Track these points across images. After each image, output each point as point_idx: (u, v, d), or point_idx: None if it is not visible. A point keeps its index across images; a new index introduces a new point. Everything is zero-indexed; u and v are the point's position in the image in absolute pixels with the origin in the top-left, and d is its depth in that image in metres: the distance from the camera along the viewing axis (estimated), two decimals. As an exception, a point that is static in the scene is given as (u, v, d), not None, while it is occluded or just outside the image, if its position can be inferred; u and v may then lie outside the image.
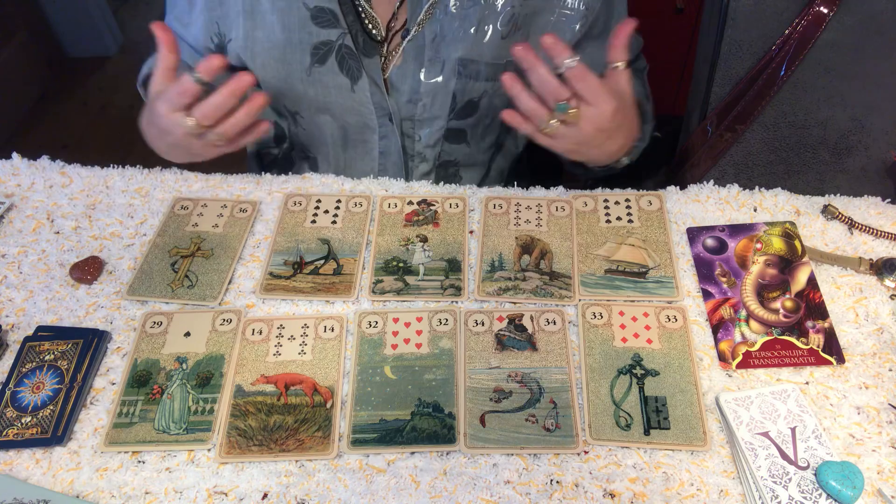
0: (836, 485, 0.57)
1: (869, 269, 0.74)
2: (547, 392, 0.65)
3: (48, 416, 0.64)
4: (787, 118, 0.92)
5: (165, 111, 0.70)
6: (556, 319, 0.71)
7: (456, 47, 0.83)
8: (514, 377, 0.66)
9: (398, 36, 0.84)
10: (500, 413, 0.64)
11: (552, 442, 0.62)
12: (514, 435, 0.63)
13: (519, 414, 0.64)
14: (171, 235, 0.80)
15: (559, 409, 0.64)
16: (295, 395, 0.66)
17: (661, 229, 0.79)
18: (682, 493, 0.60)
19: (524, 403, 0.65)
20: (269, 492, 0.60)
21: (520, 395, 0.65)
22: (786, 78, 0.86)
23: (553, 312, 0.71)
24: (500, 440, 0.62)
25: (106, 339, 0.71)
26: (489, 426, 0.63)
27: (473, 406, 0.64)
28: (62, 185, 0.86)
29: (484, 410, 0.64)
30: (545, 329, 0.70)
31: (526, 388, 0.66)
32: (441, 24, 0.82)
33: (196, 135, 0.72)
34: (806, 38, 0.83)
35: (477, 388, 0.66)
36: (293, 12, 0.81)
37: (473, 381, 0.66)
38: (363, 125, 0.89)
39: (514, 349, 0.68)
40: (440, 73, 0.85)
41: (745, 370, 0.67)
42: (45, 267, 0.77)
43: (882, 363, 0.67)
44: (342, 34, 0.82)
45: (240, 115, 0.72)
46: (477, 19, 0.82)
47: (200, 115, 0.70)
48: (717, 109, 0.94)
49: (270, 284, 0.75)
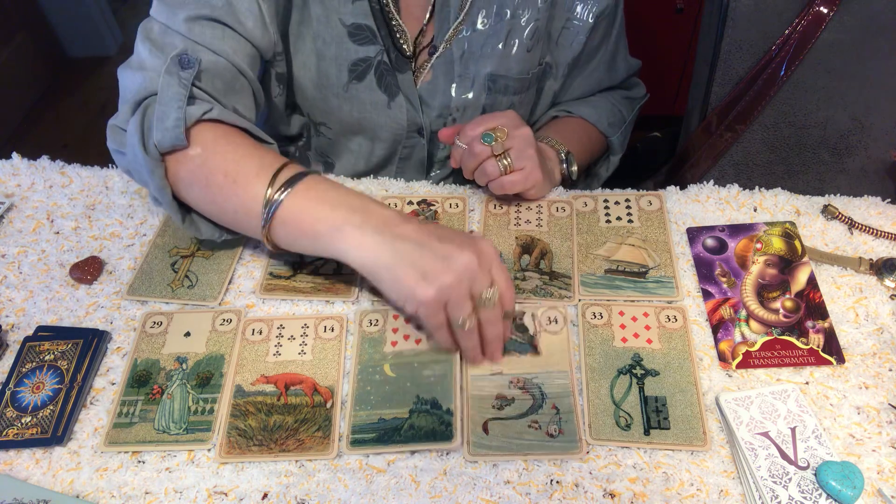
0: (836, 485, 0.57)
1: (869, 269, 0.74)
2: (549, 398, 0.65)
3: (48, 416, 0.64)
4: (787, 118, 0.92)
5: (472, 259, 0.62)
6: (557, 318, 0.70)
7: (485, 63, 0.84)
8: (516, 383, 0.66)
9: (425, 52, 0.85)
10: (502, 420, 0.64)
11: (556, 448, 0.62)
12: (516, 441, 0.62)
13: (522, 420, 0.64)
14: (171, 235, 0.80)
15: (562, 414, 0.64)
16: (295, 395, 0.66)
17: (661, 229, 0.79)
18: (682, 493, 0.60)
19: (526, 410, 0.64)
20: (269, 492, 0.60)
21: (522, 402, 0.65)
22: (786, 78, 0.86)
23: (555, 310, 0.71)
24: (502, 447, 0.62)
25: (106, 339, 0.71)
26: (492, 433, 0.63)
27: (476, 413, 0.64)
28: (62, 185, 0.86)
29: (486, 418, 0.64)
30: (547, 329, 0.69)
31: (528, 394, 0.65)
32: (469, 41, 0.83)
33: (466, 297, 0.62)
34: (806, 38, 0.83)
35: (479, 396, 0.65)
36: (331, 27, 0.80)
37: (475, 389, 0.66)
38: (393, 139, 0.90)
39: (516, 353, 0.68)
40: (471, 89, 0.86)
41: (745, 370, 0.67)
42: (45, 267, 0.77)
43: (882, 363, 0.67)
44: (380, 51, 0.81)
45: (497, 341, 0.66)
46: (504, 35, 0.83)
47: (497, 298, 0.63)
48: (717, 109, 0.94)
49: (270, 284, 0.75)
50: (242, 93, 0.75)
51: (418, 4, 0.82)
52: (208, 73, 0.70)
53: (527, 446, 0.62)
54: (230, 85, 0.73)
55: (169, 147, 0.66)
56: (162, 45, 0.70)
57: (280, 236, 0.66)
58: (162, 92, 0.66)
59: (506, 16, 0.82)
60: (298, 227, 0.64)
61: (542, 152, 0.83)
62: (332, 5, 0.78)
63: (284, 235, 0.65)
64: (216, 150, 0.67)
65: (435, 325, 0.63)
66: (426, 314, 0.62)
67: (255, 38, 0.75)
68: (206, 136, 0.67)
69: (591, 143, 0.98)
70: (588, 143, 0.97)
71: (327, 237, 0.62)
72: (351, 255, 0.62)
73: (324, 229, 0.62)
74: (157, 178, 0.67)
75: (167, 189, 0.68)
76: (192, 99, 0.67)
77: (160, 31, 0.71)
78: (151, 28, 0.72)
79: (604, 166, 1.04)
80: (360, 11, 0.79)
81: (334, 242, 0.62)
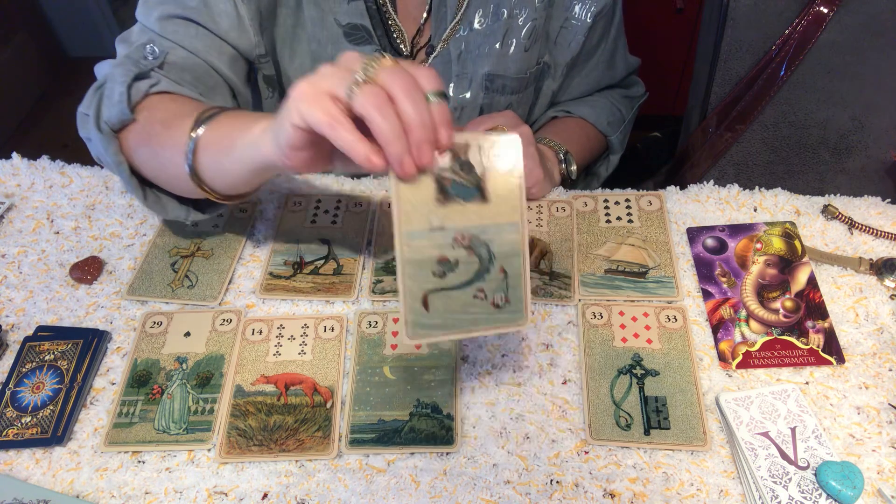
0: (836, 485, 0.57)
1: (869, 269, 0.74)
2: (497, 259, 0.54)
3: (48, 416, 0.64)
4: (787, 118, 0.92)
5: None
6: (509, 152, 0.54)
7: (482, 63, 0.84)
8: (461, 241, 0.53)
9: (422, 52, 0.85)
10: (445, 291, 0.53)
11: (501, 320, 0.55)
12: (461, 316, 0.53)
13: (466, 290, 0.54)
14: (171, 235, 0.80)
15: (510, 279, 0.54)
16: (295, 395, 0.66)
17: (661, 229, 0.79)
18: (682, 493, 0.60)
19: (472, 276, 0.54)
20: (269, 492, 0.60)
21: (467, 266, 0.53)
22: (786, 78, 0.86)
23: (507, 140, 0.54)
24: (445, 325, 0.53)
25: (106, 339, 0.71)
26: (433, 308, 0.53)
27: (414, 284, 0.52)
28: (62, 185, 0.86)
29: (426, 289, 0.53)
30: (497, 168, 0.54)
31: (474, 254, 0.53)
32: (466, 41, 0.83)
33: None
34: (806, 38, 0.83)
35: (417, 260, 0.52)
36: (325, 27, 0.80)
37: (412, 250, 0.52)
38: None
39: (460, 199, 0.53)
40: (468, 89, 0.86)
41: (745, 370, 0.67)
42: (45, 267, 0.77)
43: (882, 363, 0.67)
44: (376, 51, 0.82)
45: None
46: (501, 34, 0.83)
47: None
48: (717, 109, 0.94)
49: (270, 284, 0.75)
50: (217, 89, 0.76)
51: (415, 4, 0.82)
52: (176, 66, 0.72)
53: (471, 321, 0.54)
54: (202, 80, 0.74)
55: (117, 122, 0.67)
56: (134, 41, 0.73)
57: (205, 166, 0.63)
58: (114, 72, 0.68)
59: (503, 15, 0.82)
60: (217, 147, 0.61)
61: (541, 153, 0.83)
62: (328, 6, 0.78)
63: (209, 163, 0.62)
64: (157, 108, 0.68)
65: (326, 120, 0.49)
66: (309, 108, 0.49)
67: (231, 38, 0.76)
68: (151, 103, 0.69)
69: (591, 143, 0.98)
70: (587, 143, 0.97)
71: (241, 141, 0.59)
72: (260, 142, 0.56)
73: (237, 135, 0.59)
74: (110, 153, 0.67)
75: (124, 165, 0.68)
76: (146, 77, 0.69)
77: (138, 30, 0.74)
78: (132, 30, 0.75)
79: (603, 165, 1.04)
80: (356, 11, 0.78)
81: (246, 140, 0.58)
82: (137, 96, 0.68)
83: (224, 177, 0.63)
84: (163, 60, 0.71)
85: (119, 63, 0.70)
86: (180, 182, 0.67)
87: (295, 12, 0.80)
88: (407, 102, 0.48)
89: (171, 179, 0.69)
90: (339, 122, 0.49)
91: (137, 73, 0.68)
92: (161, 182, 0.70)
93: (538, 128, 1.00)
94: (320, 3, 0.78)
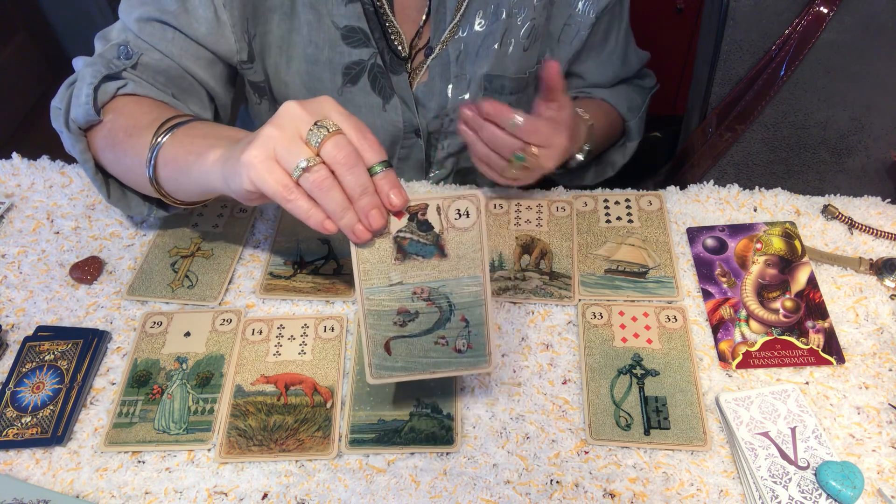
0: (836, 485, 0.57)
1: (869, 269, 0.74)
2: (458, 308, 0.57)
3: (48, 416, 0.64)
4: (787, 118, 0.92)
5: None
6: (469, 210, 0.56)
7: (481, 64, 0.84)
8: (420, 294, 0.57)
9: (421, 53, 0.85)
10: (406, 338, 0.57)
11: (463, 363, 0.58)
12: (422, 360, 0.58)
13: (427, 337, 0.57)
14: (171, 235, 0.80)
15: (471, 326, 0.57)
16: (295, 395, 0.66)
17: (661, 229, 0.79)
18: (682, 493, 0.60)
19: (433, 325, 0.57)
20: (269, 492, 0.60)
21: (427, 316, 0.57)
22: (786, 78, 0.86)
23: (465, 200, 0.56)
24: (407, 367, 0.58)
25: (106, 339, 0.71)
26: (395, 353, 0.57)
27: (376, 333, 0.57)
28: (62, 185, 0.86)
29: (388, 336, 0.57)
30: (456, 225, 0.56)
31: (434, 305, 0.57)
32: (465, 42, 0.83)
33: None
34: (806, 38, 0.83)
35: (378, 312, 0.56)
36: (322, 29, 0.79)
37: (372, 304, 0.56)
38: (390, 141, 0.89)
39: (419, 257, 0.56)
40: (467, 90, 0.86)
41: (745, 370, 0.67)
42: (45, 267, 0.77)
43: (882, 363, 0.67)
44: (373, 53, 0.81)
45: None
46: (500, 35, 0.82)
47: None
48: (717, 109, 0.94)
49: (270, 284, 0.75)
50: (191, 92, 0.78)
51: (414, 6, 0.82)
52: (150, 68, 0.74)
53: (433, 364, 0.58)
54: (176, 83, 0.76)
55: (84, 122, 0.70)
56: (111, 39, 0.75)
57: (166, 180, 0.65)
58: (84, 71, 0.70)
59: (502, 15, 0.82)
60: (175, 166, 0.63)
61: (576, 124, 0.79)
62: (325, 9, 0.78)
63: (168, 178, 0.65)
64: (122, 114, 0.70)
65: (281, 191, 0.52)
66: (261, 179, 0.52)
67: (209, 43, 0.77)
68: (117, 105, 0.71)
69: (610, 125, 0.96)
70: (607, 124, 0.95)
71: (195, 168, 0.60)
72: (212, 177, 0.59)
73: (192, 160, 0.61)
74: (77, 151, 0.71)
75: (89, 162, 0.71)
76: (116, 79, 0.71)
77: (119, 28, 0.76)
78: (113, 27, 0.77)
79: (619, 153, 1.02)
80: (353, 14, 0.78)
81: (200, 170, 0.60)
82: (105, 97, 0.70)
83: (184, 192, 0.67)
84: (136, 62, 0.73)
85: (91, 62, 0.71)
86: (144, 187, 0.70)
87: (290, 17, 0.79)
88: (349, 176, 0.52)
89: (135, 183, 0.72)
90: (292, 193, 0.52)
91: (106, 74, 0.70)
92: (128, 182, 0.73)
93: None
94: (317, 6, 0.78)
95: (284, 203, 0.53)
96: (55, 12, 2.44)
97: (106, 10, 2.50)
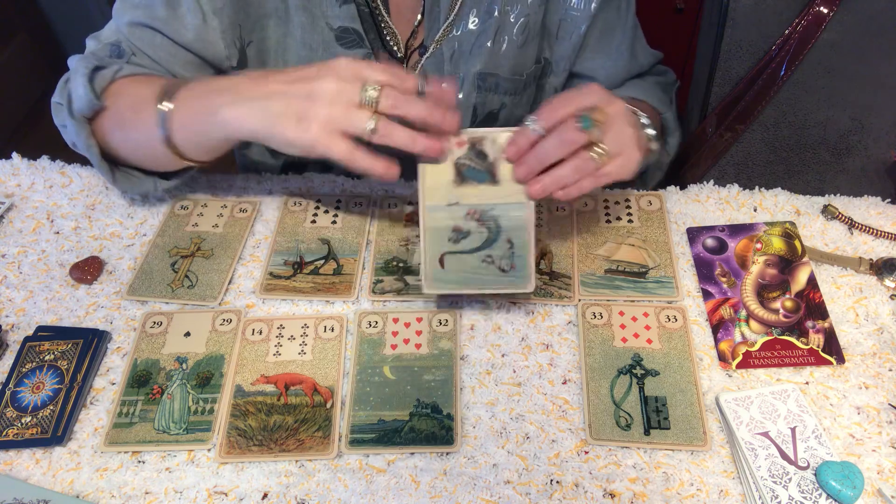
0: (836, 485, 0.57)
1: (869, 269, 0.74)
2: (504, 231, 0.64)
3: (48, 416, 0.64)
4: (787, 118, 0.92)
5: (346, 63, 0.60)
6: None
7: (474, 62, 0.84)
8: (472, 215, 0.64)
9: (416, 53, 0.85)
10: (457, 254, 0.65)
11: (506, 282, 0.65)
12: (471, 276, 0.65)
13: (476, 254, 0.65)
14: (171, 235, 0.80)
15: (515, 248, 0.64)
16: (295, 395, 0.66)
17: (661, 229, 0.79)
18: (682, 493, 0.60)
19: (482, 244, 0.64)
20: (269, 492, 0.60)
21: (477, 235, 0.65)
22: (786, 78, 0.86)
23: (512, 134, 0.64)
24: (458, 280, 0.65)
25: (106, 339, 0.71)
26: (448, 267, 0.65)
27: (432, 247, 0.65)
28: (62, 185, 0.86)
29: (443, 251, 0.65)
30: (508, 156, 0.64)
31: (484, 226, 0.64)
32: (459, 41, 0.82)
33: (351, 108, 0.59)
34: (806, 38, 0.83)
35: (436, 228, 0.65)
36: (316, 31, 0.80)
37: (432, 220, 0.65)
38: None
39: (473, 181, 0.64)
40: (461, 89, 0.85)
41: (745, 370, 0.67)
42: (45, 267, 0.77)
43: (882, 363, 0.67)
44: (367, 54, 0.81)
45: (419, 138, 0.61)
46: (493, 32, 0.82)
47: (389, 95, 0.60)
48: (717, 109, 0.94)
49: (270, 284, 0.75)
50: None
51: (408, 6, 0.82)
52: (140, 68, 0.76)
53: (480, 281, 0.65)
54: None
55: (88, 111, 0.72)
56: (103, 40, 0.78)
57: (183, 143, 0.69)
58: (77, 66, 0.73)
59: (494, 13, 0.81)
60: (191, 128, 0.67)
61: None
62: (319, 10, 0.78)
63: (185, 140, 0.69)
64: (122, 94, 0.73)
65: (348, 156, 0.60)
66: (328, 151, 0.60)
67: (197, 49, 0.78)
68: (117, 88, 0.73)
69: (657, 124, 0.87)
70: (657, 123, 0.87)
71: (213, 125, 0.65)
72: (240, 132, 0.63)
73: (209, 119, 0.65)
74: (82, 137, 0.73)
75: (94, 148, 0.74)
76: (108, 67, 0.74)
77: (112, 29, 0.78)
78: (106, 28, 0.79)
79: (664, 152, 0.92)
80: (347, 15, 0.78)
81: (222, 127, 0.64)
82: (104, 82, 0.73)
83: (203, 148, 0.70)
84: (127, 61, 0.76)
85: (83, 58, 0.75)
86: (158, 159, 0.73)
87: (284, 22, 0.80)
88: (411, 112, 0.60)
89: (147, 158, 0.75)
90: (355, 154, 0.60)
91: (97, 65, 0.73)
92: (138, 161, 0.76)
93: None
94: (310, 8, 0.78)
95: (351, 164, 0.60)
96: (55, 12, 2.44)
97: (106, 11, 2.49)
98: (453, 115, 0.61)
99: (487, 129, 0.64)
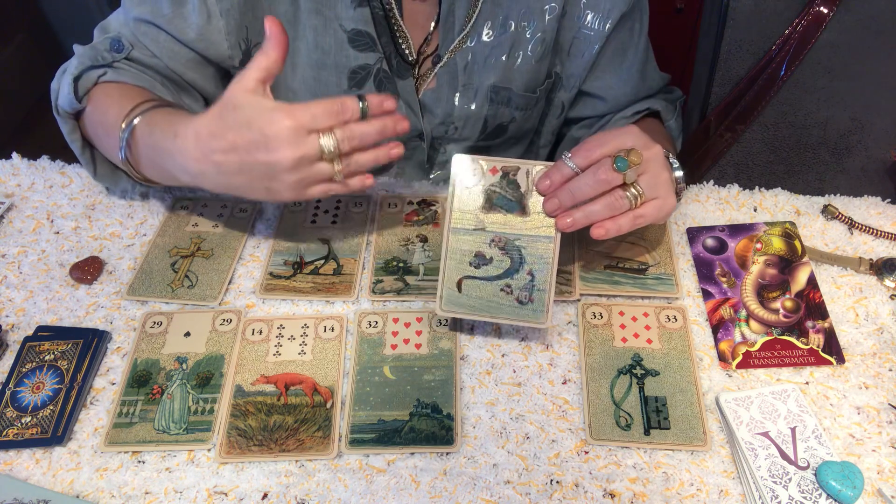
0: (836, 485, 0.57)
1: (869, 269, 0.74)
2: (527, 263, 0.65)
3: (48, 416, 0.64)
4: (787, 118, 0.92)
5: (290, 125, 0.58)
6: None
7: (488, 75, 0.84)
8: (497, 242, 0.65)
9: (429, 60, 0.85)
10: (476, 280, 0.65)
11: (521, 314, 0.64)
12: (486, 303, 0.65)
13: (495, 283, 0.65)
14: (171, 235, 0.80)
15: (536, 282, 0.64)
16: (295, 395, 0.66)
17: (661, 229, 0.79)
18: (682, 493, 0.60)
19: (502, 272, 0.65)
20: (269, 492, 0.60)
21: (499, 263, 0.65)
22: (786, 78, 0.86)
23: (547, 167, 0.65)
24: (473, 306, 0.65)
25: (106, 339, 0.71)
26: (465, 291, 0.65)
27: (452, 269, 0.65)
28: (62, 185, 0.86)
29: (462, 275, 0.65)
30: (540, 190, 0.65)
31: (507, 255, 0.65)
32: (473, 52, 0.82)
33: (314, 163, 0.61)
34: (806, 38, 0.83)
35: (459, 250, 0.65)
36: (329, 33, 0.80)
37: (457, 241, 0.65)
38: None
39: (502, 210, 0.65)
40: (473, 100, 0.86)
41: (745, 370, 0.67)
42: (45, 267, 0.77)
43: (882, 363, 0.67)
44: (380, 58, 0.81)
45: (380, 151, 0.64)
46: (508, 46, 0.82)
47: (344, 135, 0.60)
48: (717, 109, 0.94)
49: (270, 284, 0.75)
50: (183, 87, 0.82)
51: (423, 13, 0.82)
52: (141, 63, 0.78)
53: (495, 308, 0.65)
54: (169, 78, 0.80)
55: (69, 109, 0.75)
56: (109, 31, 0.79)
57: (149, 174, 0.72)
58: (71, 61, 0.76)
59: (510, 27, 0.81)
60: (154, 173, 0.71)
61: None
62: (332, 13, 0.78)
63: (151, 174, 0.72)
64: (96, 108, 0.75)
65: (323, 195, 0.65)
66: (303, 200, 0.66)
67: (199, 48, 0.79)
68: (95, 95, 0.75)
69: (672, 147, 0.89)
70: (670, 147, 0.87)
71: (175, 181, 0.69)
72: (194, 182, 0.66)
73: (169, 178, 0.69)
74: (65, 131, 0.76)
75: (77, 142, 0.77)
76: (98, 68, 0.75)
77: (119, 22, 0.79)
78: (112, 18, 0.80)
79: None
80: (361, 18, 0.78)
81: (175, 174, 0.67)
82: (88, 84, 0.75)
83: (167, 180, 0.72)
84: (127, 55, 0.78)
85: (82, 53, 0.76)
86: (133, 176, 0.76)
87: (293, 25, 0.80)
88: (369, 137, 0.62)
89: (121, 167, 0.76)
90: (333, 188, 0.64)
91: (90, 66, 0.75)
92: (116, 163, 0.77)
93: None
94: (323, 11, 0.78)
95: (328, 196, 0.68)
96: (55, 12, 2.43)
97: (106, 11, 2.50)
98: (401, 121, 0.63)
99: (522, 160, 0.65)
